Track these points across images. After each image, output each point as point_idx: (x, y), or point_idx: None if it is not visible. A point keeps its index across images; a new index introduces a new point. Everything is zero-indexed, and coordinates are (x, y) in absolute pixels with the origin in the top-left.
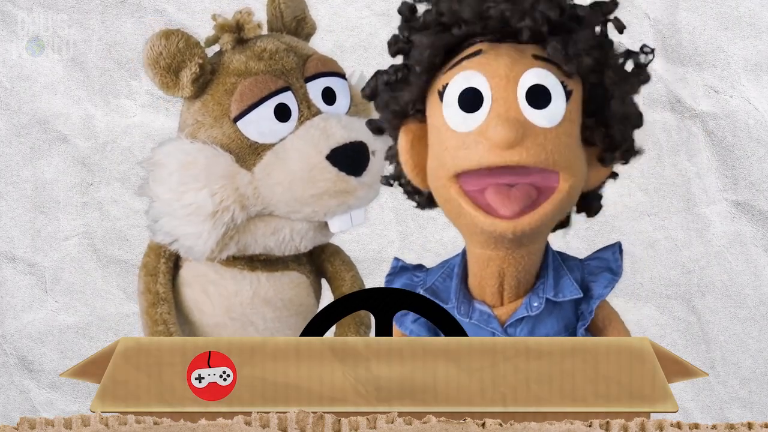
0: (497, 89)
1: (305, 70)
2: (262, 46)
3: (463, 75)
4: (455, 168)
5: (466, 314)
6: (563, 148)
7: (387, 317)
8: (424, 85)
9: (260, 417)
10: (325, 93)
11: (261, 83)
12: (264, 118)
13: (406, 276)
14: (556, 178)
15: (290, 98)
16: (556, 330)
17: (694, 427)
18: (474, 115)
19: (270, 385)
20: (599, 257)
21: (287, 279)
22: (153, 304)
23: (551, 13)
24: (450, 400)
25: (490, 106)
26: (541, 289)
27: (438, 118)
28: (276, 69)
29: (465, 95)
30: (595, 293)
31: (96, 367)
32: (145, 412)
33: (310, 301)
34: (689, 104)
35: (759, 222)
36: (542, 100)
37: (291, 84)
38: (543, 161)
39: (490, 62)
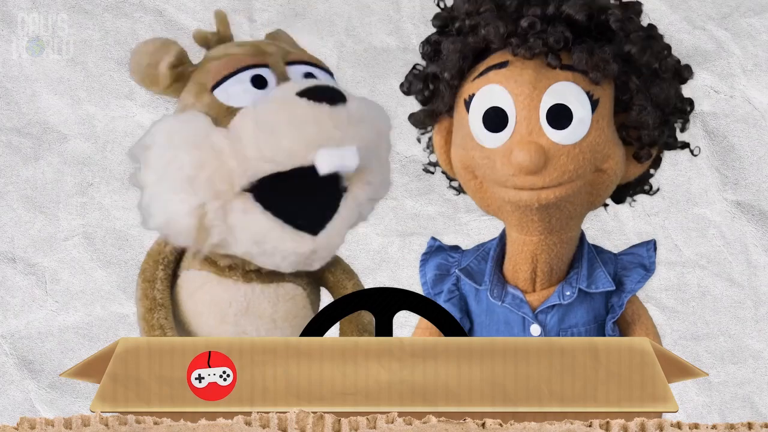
0: (521, 109)
1: (287, 56)
2: (248, 41)
3: (489, 89)
4: (480, 173)
5: (499, 297)
6: (587, 162)
7: (387, 317)
8: (455, 91)
9: (260, 417)
10: (307, 76)
11: (238, 59)
12: (240, 83)
13: (441, 256)
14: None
15: (268, 73)
16: (586, 320)
17: (694, 427)
18: (498, 135)
19: (270, 385)
20: (633, 253)
21: (282, 291)
22: (150, 309)
23: (579, 17)
24: (450, 400)
25: (513, 127)
26: (574, 279)
27: (464, 125)
28: (254, 50)
29: (490, 115)
30: (627, 287)
31: (96, 367)
32: (145, 412)
33: (306, 313)
34: None
35: (759, 222)
36: (563, 121)
37: (270, 63)
38: (567, 179)
39: (516, 77)
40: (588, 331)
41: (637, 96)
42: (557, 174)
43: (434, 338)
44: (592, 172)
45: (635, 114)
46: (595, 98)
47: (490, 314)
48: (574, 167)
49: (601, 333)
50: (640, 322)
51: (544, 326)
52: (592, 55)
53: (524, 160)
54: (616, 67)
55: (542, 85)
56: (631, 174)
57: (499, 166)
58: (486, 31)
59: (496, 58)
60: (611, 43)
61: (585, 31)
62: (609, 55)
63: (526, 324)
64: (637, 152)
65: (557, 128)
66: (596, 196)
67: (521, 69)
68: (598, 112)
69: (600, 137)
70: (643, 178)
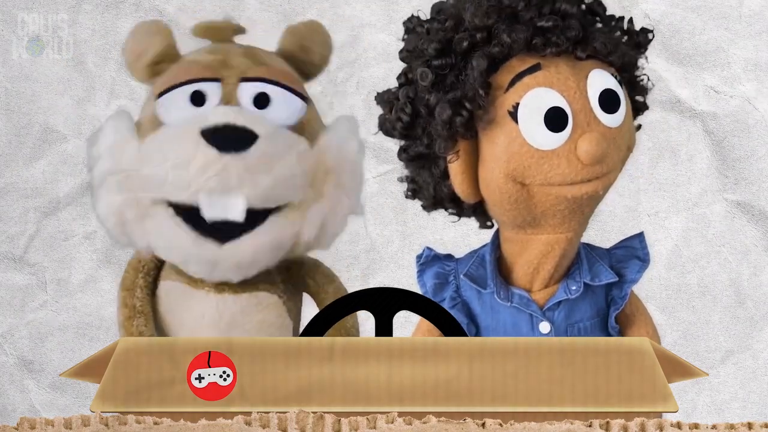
0: (575, 103)
1: (247, 72)
2: (226, 47)
3: (534, 93)
4: (531, 179)
5: (506, 298)
6: (629, 142)
7: (387, 317)
8: (488, 107)
9: (260, 417)
10: (259, 97)
11: (191, 70)
12: (177, 99)
13: (438, 265)
14: None
15: (214, 89)
16: (590, 314)
17: (694, 427)
18: (559, 135)
19: (270, 385)
20: (626, 246)
21: (255, 300)
22: (129, 317)
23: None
24: (450, 400)
25: (572, 122)
26: (577, 274)
27: (507, 136)
28: (216, 62)
29: (551, 116)
30: (628, 278)
31: (96, 367)
32: (145, 412)
33: (283, 321)
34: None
35: (759, 222)
36: (614, 104)
37: (222, 77)
38: (620, 160)
39: (556, 75)
40: (593, 325)
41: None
42: (616, 157)
43: (434, 338)
44: (627, 151)
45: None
46: (618, 78)
47: (495, 316)
48: (626, 147)
49: (604, 327)
50: (639, 314)
51: (552, 323)
52: (609, 40)
53: (591, 149)
54: (626, 48)
55: (581, 76)
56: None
57: (565, 164)
58: (510, 39)
59: (518, 65)
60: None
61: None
62: (619, 38)
63: (534, 322)
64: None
65: (609, 112)
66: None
67: (555, 67)
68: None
69: (628, 114)
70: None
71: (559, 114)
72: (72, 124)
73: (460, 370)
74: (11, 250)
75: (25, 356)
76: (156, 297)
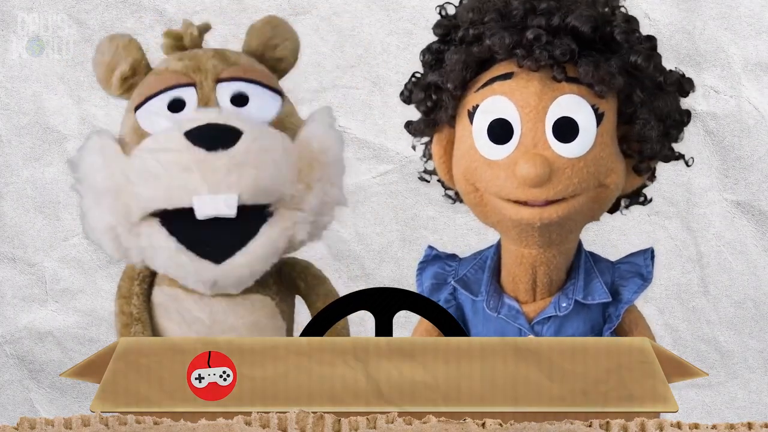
0: (526, 121)
1: (221, 73)
2: (194, 52)
3: (493, 100)
4: (481, 186)
5: (495, 309)
6: (591, 176)
7: (387, 317)
8: (457, 102)
9: (260, 417)
10: (236, 97)
11: (165, 78)
12: (157, 108)
13: (438, 265)
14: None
15: (190, 94)
16: (582, 331)
17: (694, 427)
18: (503, 147)
19: (270, 385)
20: (630, 261)
21: (249, 303)
22: (126, 324)
23: (584, 29)
24: (450, 400)
25: (518, 139)
26: (570, 290)
27: (467, 137)
28: (188, 67)
29: (495, 127)
30: (624, 298)
31: (96, 367)
32: (145, 412)
33: (276, 323)
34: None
35: (759, 222)
36: (569, 134)
37: (197, 82)
38: (570, 192)
39: (521, 89)
40: None
41: (641, 109)
42: (561, 187)
43: (434, 338)
44: (595, 186)
45: (639, 127)
46: (600, 111)
47: (486, 324)
48: (578, 181)
49: None
50: (638, 332)
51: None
52: (598, 68)
53: (529, 172)
54: (621, 80)
55: (548, 97)
56: (629, 186)
57: (503, 178)
58: (491, 42)
59: (500, 68)
60: (615, 56)
61: (589, 43)
62: (615, 68)
63: (522, 335)
64: (637, 165)
65: (563, 141)
66: (597, 210)
67: (527, 80)
68: (602, 125)
69: (604, 151)
70: (638, 189)
71: (503, 126)
72: (72, 124)
73: (460, 370)
74: (11, 250)
75: (25, 356)
76: (151, 303)
